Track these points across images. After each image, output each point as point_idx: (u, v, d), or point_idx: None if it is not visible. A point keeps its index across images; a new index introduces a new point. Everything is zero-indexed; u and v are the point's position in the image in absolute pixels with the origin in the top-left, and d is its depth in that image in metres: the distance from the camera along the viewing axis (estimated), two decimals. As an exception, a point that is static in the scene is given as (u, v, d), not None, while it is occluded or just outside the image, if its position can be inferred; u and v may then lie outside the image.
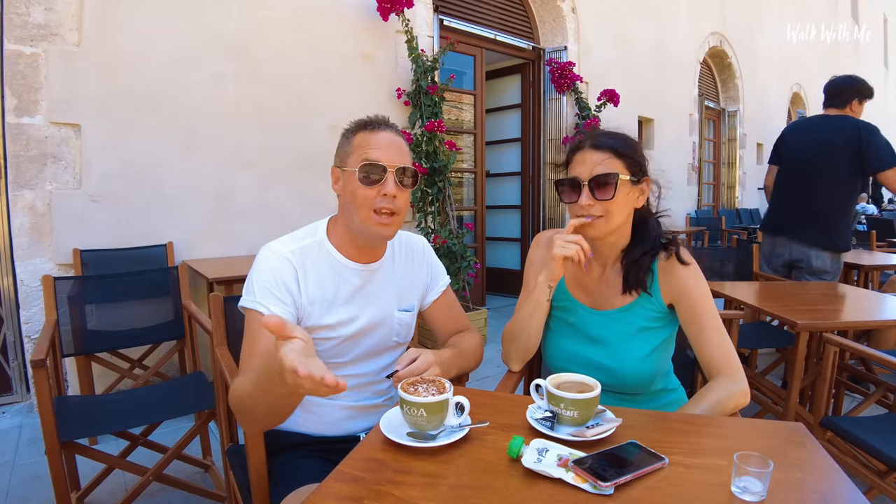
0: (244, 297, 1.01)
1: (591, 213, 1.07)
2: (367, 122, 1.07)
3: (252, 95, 2.96)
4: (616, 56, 5.38)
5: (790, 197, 2.68)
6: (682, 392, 1.23)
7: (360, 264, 1.10)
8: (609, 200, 1.06)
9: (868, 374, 2.33)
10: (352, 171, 1.03)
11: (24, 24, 2.31)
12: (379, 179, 1.02)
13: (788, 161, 2.71)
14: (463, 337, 1.23)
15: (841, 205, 2.59)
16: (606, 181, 1.05)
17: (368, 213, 1.02)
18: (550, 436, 0.82)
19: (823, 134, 2.57)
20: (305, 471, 1.01)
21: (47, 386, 1.33)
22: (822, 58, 10.62)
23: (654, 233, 1.15)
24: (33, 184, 2.37)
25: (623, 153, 1.08)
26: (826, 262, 2.59)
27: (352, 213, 1.04)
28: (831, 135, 2.53)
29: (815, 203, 2.58)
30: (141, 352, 2.51)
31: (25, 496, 1.80)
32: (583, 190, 1.07)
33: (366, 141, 1.03)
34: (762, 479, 0.66)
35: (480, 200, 4.49)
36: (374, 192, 1.02)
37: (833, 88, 2.64)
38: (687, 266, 1.11)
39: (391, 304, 1.14)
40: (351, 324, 1.08)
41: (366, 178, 1.01)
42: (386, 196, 1.02)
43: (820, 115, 2.70)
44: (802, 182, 2.61)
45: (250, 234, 2.95)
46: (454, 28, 4.03)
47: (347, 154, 1.05)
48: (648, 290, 1.12)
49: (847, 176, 2.53)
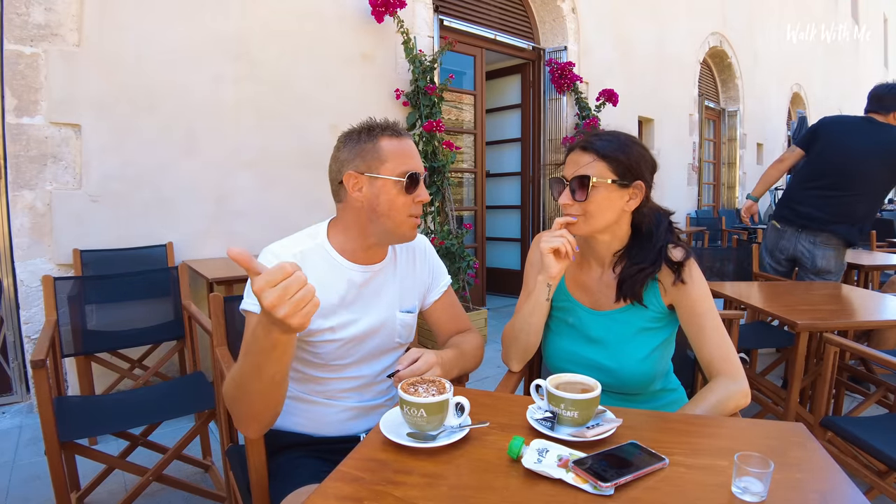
0: (245, 299, 1.00)
1: (570, 212, 1.10)
2: (385, 126, 1.07)
3: (252, 96, 2.96)
4: (616, 56, 5.38)
5: (819, 194, 2.57)
6: (682, 392, 1.23)
7: (361, 266, 1.10)
8: (584, 202, 1.08)
9: (868, 374, 2.33)
10: (389, 179, 1.03)
11: (24, 24, 2.31)
12: (416, 186, 1.06)
13: (825, 156, 2.58)
14: (464, 337, 1.23)
15: (869, 211, 2.58)
16: (582, 183, 1.07)
17: (406, 219, 1.06)
18: (550, 436, 0.81)
19: (870, 139, 2.50)
20: (305, 471, 1.01)
21: (47, 386, 1.33)
22: (822, 58, 10.62)
23: (658, 244, 1.12)
24: (33, 184, 2.37)
25: (608, 155, 1.07)
26: (830, 263, 2.59)
27: (381, 219, 1.05)
28: (877, 143, 2.48)
29: (846, 206, 2.53)
30: (141, 352, 2.51)
31: (25, 496, 1.80)
32: (565, 189, 1.10)
33: (398, 149, 1.05)
34: (762, 480, 0.66)
35: (480, 200, 4.49)
36: (411, 200, 1.05)
37: (878, 94, 2.58)
38: (689, 276, 1.10)
39: (393, 306, 1.14)
40: (353, 326, 1.08)
41: (409, 186, 1.04)
42: (421, 202, 1.07)
43: (864, 117, 2.61)
44: (836, 182, 2.53)
45: (250, 234, 2.94)
46: (454, 28, 4.03)
47: (378, 161, 1.04)
48: (643, 303, 1.12)
49: (884, 186, 2.54)
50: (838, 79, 11.51)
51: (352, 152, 1.06)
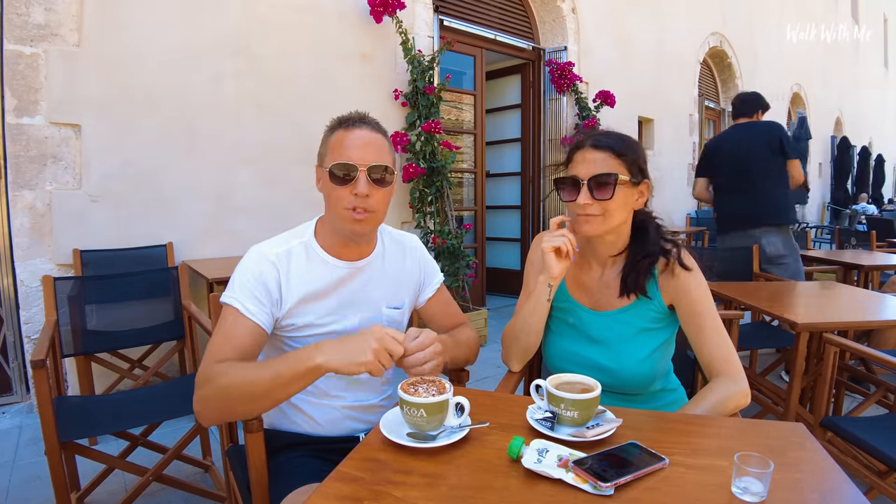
0: (226, 292, 1.02)
1: (589, 212, 1.07)
2: (343, 119, 1.07)
3: (251, 94, 2.96)
4: (616, 56, 5.38)
5: (739, 195, 2.97)
6: (683, 392, 1.23)
7: (347, 262, 1.10)
8: (607, 200, 1.06)
9: (868, 375, 2.33)
10: (325, 171, 1.03)
11: (24, 25, 2.31)
12: (351, 179, 1.01)
13: (728, 167, 3.02)
14: (459, 329, 1.24)
15: (780, 191, 2.95)
16: (606, 181, 1.05)
17: (342, 211, 1.03)
18: (550, 436, 0.81)
19: (748, 136, 3.00)
20: (305, 471, 1.01)
21: (47, 386, 1.33)
22: (822, 58, 10.62)
23: (654, 236, 1.14)
24: (33, 184, 2.37)
25: (623, 154, 1.07)
26: (779, 247, 2.90)
27: (330, 212, 1.06)
28: (754, 136, 2.98)
29: (760, 194, 2.93)
30: (141, 352, 2.51)
31: (25, 496, 1.80)
32: (582, 189, 1.07)
33: (340, 140, 1.03)
34: (762, 480, 0.66)
35: (480, 200, 4.49)
36: (347, 192, 1.01)
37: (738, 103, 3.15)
38: (688, 270, 1.11)
39: (380, 302, 1.15)
40: (339, 321, 1.09)
41: (337, 178, 1.01)
42: (357, 196, 1.01)
43: (735, 124, 3.14)
44: (742, 180, 2.95)
45: (250, 233, 2.94)
46: (454, 28, 4.03)
47: (324, 154, 1.06)
48: (647, 294, 1.12)
49: (776, 164, 2.94)
50: (838, 79, 11.51)
51: (320, 147, 1.09)
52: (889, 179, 13.47)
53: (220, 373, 0.91)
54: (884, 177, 12.17)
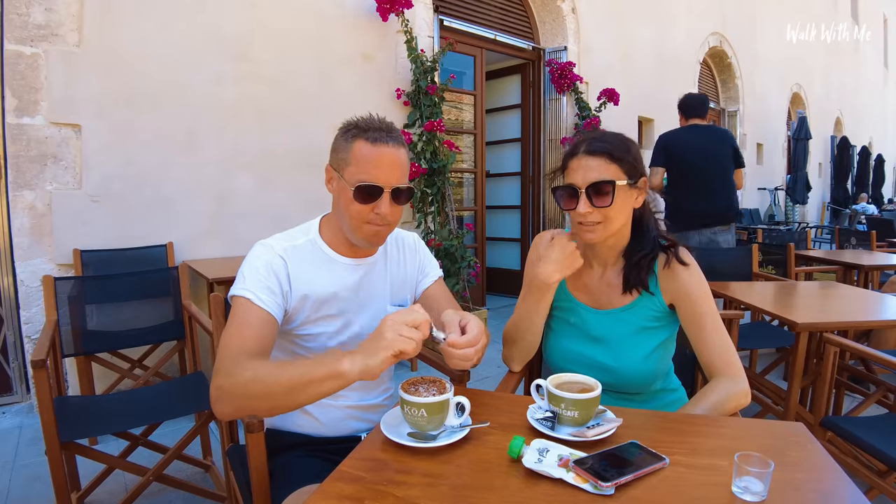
0: (235, 286, 1.00)
1: (590, 220, 1.06)
2: (368, 126, 1.01)
3: (252, 95, 2.96)
4: (616, 56, 5.38)
5: (698, 193, 3.10)
6: (683, 392, 1.23)
7: (352, 260, 1.10)
8: (607, 207, 1.05)
9: (868, 374, 2.33)
10: (347, 184, 1.00)
11: (24, 25, 2.31)
12: (374, 198, 0.99)
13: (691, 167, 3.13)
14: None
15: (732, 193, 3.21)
16: (604, 189, 1.04)
17: (359, 223, 1.02)
18: (551, 436, 0.82)
19: (711, 138, 3.17)
20: (306, 471, 1.01)
21: (47, 386, 1.33)
22: (822, 58, 10.63)
23: (653, 232, 1.15)
24: (33, 184, 2.37)
25: (618, 157, 1.06)
26: (731, 242, 3.20)
27: (342, 217, 1.04)
28: (713, 140, 3.18)
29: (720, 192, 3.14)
30: (141, 352, 2.51)
31: (26, 497, 1.80)
32: (580, 197, 1.05)
33: (366, 155, 0.99)
34: (763, 480, 0.66)
35: (480, 201, 4.49)
36: (368, 209, 1.00)
37: (696, 104, 3.24)
38: (687, 266, 1.11)
39: (384, 299, 1.15)
40: (344, 318, 1.09)
41: (360, 196, 0.99)
42: (379, 214, 1.00)
43: (695, 124, 3.22)
44: (712, 182, 3.13)
45: (250, 234, 2.94)
46: (454, 28, 4.03)
47: (345, 162, 1.01)
48: (650, 290, 1.12)
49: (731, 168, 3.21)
50: (838, 79, 11.51)
51: (335, 145, 1.06)
52: (889, 179, 13.47)
53: (243, 367, 0.87)
54: (884, 177, 12.17)
